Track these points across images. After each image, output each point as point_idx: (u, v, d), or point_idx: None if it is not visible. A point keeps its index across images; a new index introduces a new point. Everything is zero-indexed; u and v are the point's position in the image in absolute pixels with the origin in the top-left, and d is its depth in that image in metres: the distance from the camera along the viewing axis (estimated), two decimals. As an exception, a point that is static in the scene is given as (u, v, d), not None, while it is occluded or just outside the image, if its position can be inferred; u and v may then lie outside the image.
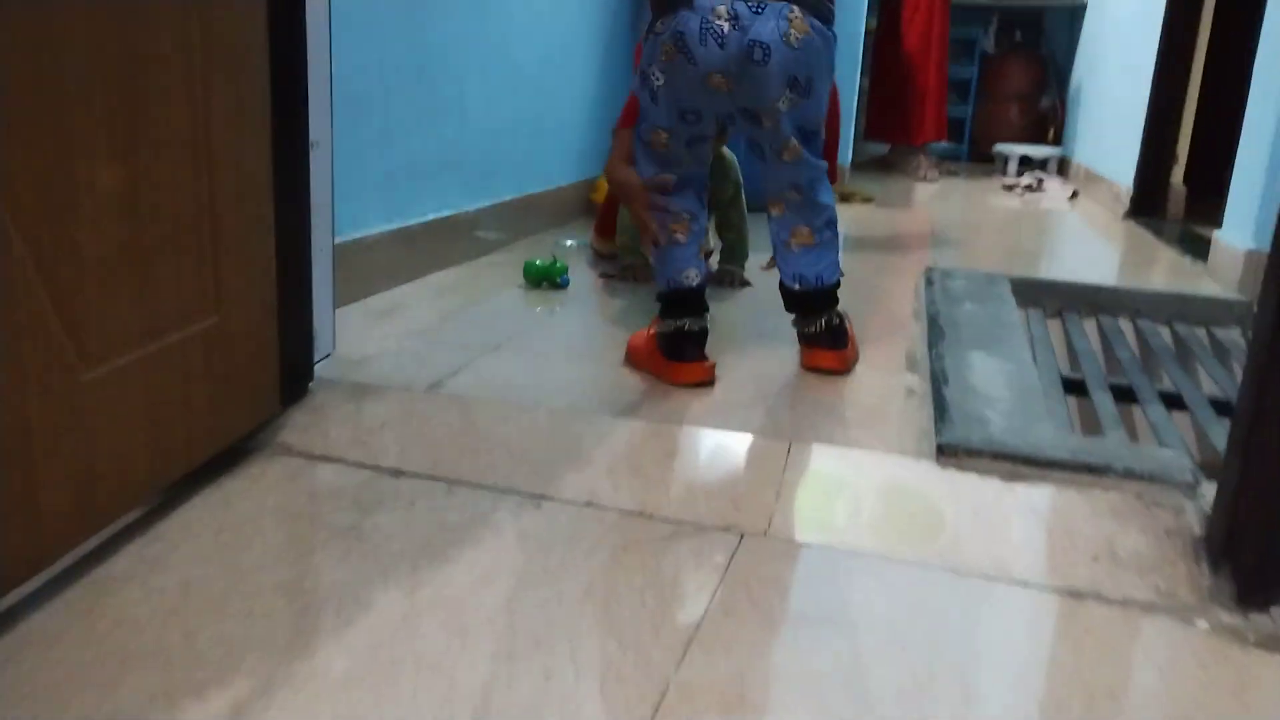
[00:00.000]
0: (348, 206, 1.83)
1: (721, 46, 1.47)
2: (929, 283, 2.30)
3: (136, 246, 0.99)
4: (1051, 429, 1.32)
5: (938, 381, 1.52)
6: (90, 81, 0.90)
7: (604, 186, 2.74)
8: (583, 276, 2.27)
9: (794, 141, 1.55)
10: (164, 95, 1.01)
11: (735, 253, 2.31)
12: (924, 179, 4.76)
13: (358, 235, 1.90)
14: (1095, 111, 4.74)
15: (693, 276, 1.59)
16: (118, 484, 1.00)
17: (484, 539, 1.07)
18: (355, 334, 1.69)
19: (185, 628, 0.88)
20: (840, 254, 1.63)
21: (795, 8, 1.46)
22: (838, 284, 1.63)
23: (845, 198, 3.76)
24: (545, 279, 2.14)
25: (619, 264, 2.33)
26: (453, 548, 1.04)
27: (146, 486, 1.06)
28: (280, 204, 1.25)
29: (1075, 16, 5.51)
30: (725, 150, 2.31)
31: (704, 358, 1.56)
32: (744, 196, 2.32)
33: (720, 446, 1.30)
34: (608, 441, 1.30)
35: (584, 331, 1.89)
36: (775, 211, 1.63)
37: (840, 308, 1.64)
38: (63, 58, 0.87)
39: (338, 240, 1.48)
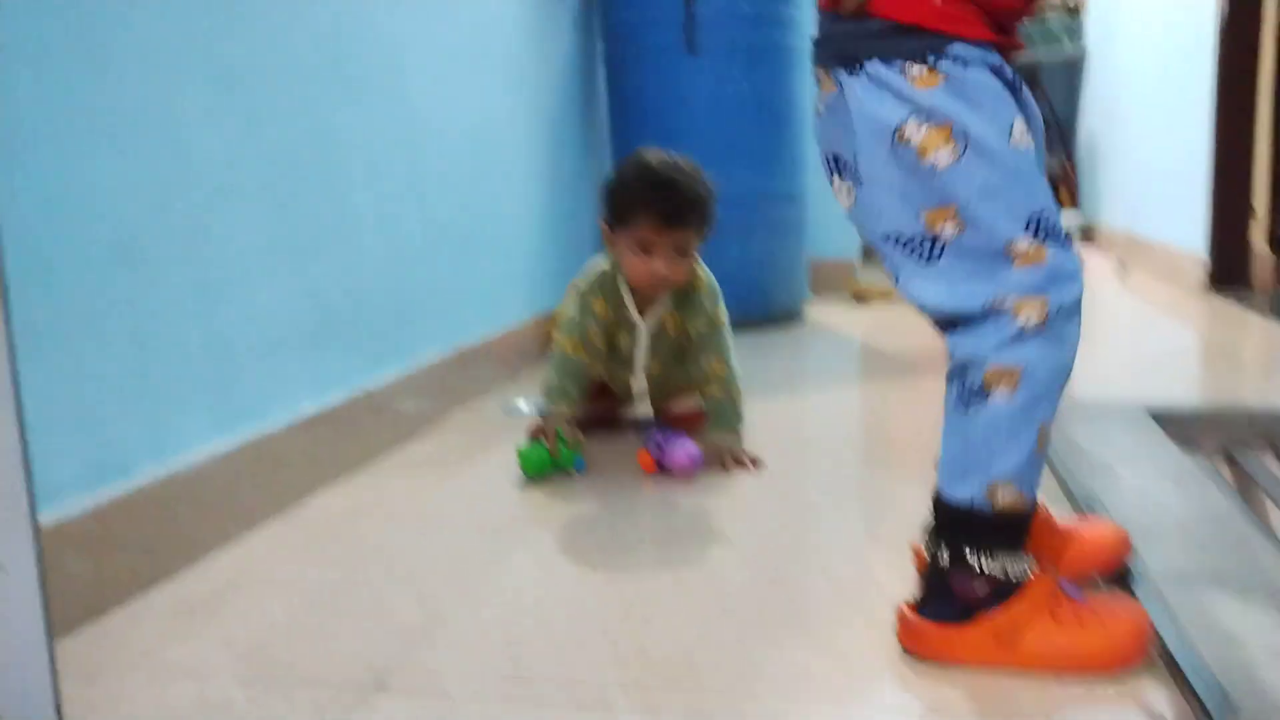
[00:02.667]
0: (128, 425, 1.12)
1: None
2: (1038, 430, 1.60)
3: None
4: None
5: (1211, 696, 0.79)
6: None
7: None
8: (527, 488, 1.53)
9: (879, 250, 0.93)
10: None
11: (724, 415, 1.59)
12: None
13: (159, 475, 1.17)
14: (1123, 168, 4.16)
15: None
16: None
17: None
18: (130, 675, 0.93)
19: None
20: (1016, 458, 0.87)
21: (832, 59, 0.93)
22: (960, 510, 0.89)
23: (860, 297, 3.10)
24: (556, 468, 1.50)
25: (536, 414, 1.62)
26: None
27: None
28: None
29: (1073, 70, 4.98)
30: (700, 270, 1.59)
31: None
32: (726, 334, 1.60)
33: None
34: None
35: (541, 617, 1.15)
36: None
37: (993, 561, 0.90)
38: None
39: (98, 491, 0.75)
